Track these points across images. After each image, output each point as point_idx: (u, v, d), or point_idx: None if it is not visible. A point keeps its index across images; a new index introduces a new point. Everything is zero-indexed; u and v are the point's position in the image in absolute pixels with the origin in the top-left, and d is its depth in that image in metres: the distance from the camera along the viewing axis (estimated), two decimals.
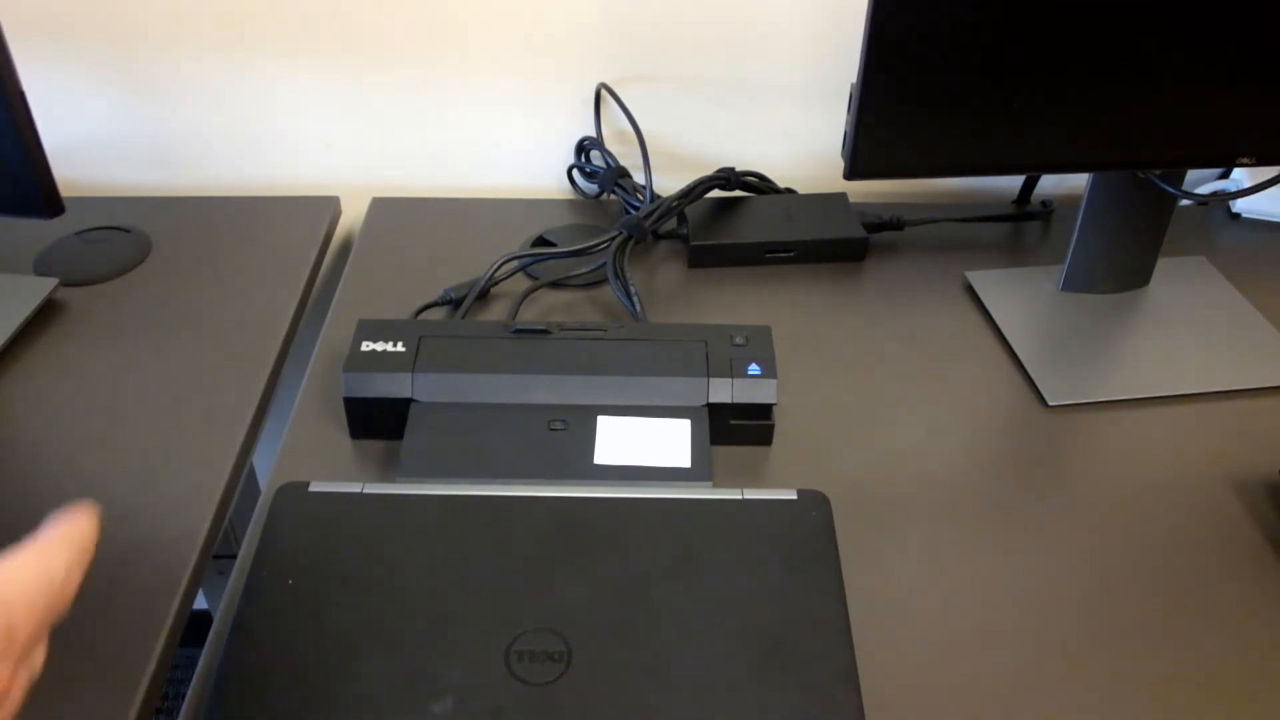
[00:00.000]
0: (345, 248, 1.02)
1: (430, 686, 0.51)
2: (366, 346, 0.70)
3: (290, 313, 0.83)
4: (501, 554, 0.58)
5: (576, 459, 0.65)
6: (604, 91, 0.95)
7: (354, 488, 0.61)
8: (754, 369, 0.69)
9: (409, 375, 0.68)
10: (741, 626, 0.54)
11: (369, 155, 0.99)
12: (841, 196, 0.94)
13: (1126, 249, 0.83)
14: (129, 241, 0.90)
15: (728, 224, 0.91)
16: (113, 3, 0.90)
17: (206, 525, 0.64)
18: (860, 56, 0.68)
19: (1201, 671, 0.57)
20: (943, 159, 0.75)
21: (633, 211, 0.91)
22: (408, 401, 0.68)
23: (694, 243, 0.88)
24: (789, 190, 0.97)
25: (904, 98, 0.71)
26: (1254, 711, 0.56)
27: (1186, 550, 0.64)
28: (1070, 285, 0.84)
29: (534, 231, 0.93)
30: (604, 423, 0.67)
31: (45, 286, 0.83)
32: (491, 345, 0.70)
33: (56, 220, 0.76)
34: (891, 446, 0.71)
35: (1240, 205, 0.96)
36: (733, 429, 0.70)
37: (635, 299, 0.81)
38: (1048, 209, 0.96)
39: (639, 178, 0.94)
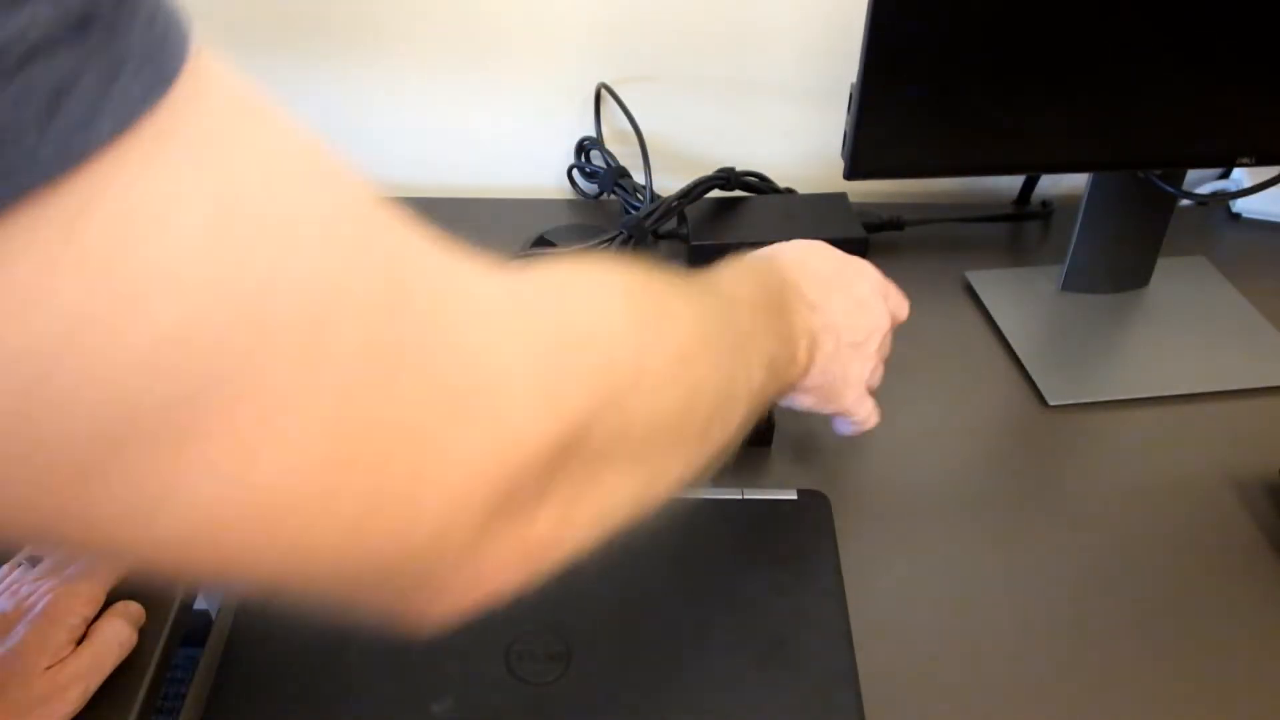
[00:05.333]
0: None
1: (430, 686, 0.51)
2: None
3: None
4: None
5: None
6: (604, 91, 0.95)
7: None
8: None
9: None
10: (741, 626, 0.54)
11: (368, 155, 0.99)
12: (841, 196, 0.94)
13: (1126, 249, 0.83)
14: None
15: (728, 224, 0.91)
16: None
17: None
18: (860, 56, 0.68)
19: (1201, 671, 0.57)
20: (943, 159, 0.75)
21: (633, 211, 0.91)
22: None
23: (694, 243, 0.88)
24: (789, 190, 0.97)
25: (904, 98, 0.71)
26: (1254, 711, 0.56)
27: (1186, 550, 0.64)
28: (1070, 285, 0.84)
29: (534, 231, 0.92)
30: None
31: None
32: None
33: None
34: (891, 446, 0.71)
35: (1240, 205, 0.96)
36: None
37: None
38: (1048, 209, 0.96)
39: (639, 178, 0.94)
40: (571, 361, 0.33)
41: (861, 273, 0.61)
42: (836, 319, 0.56)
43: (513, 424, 0.29)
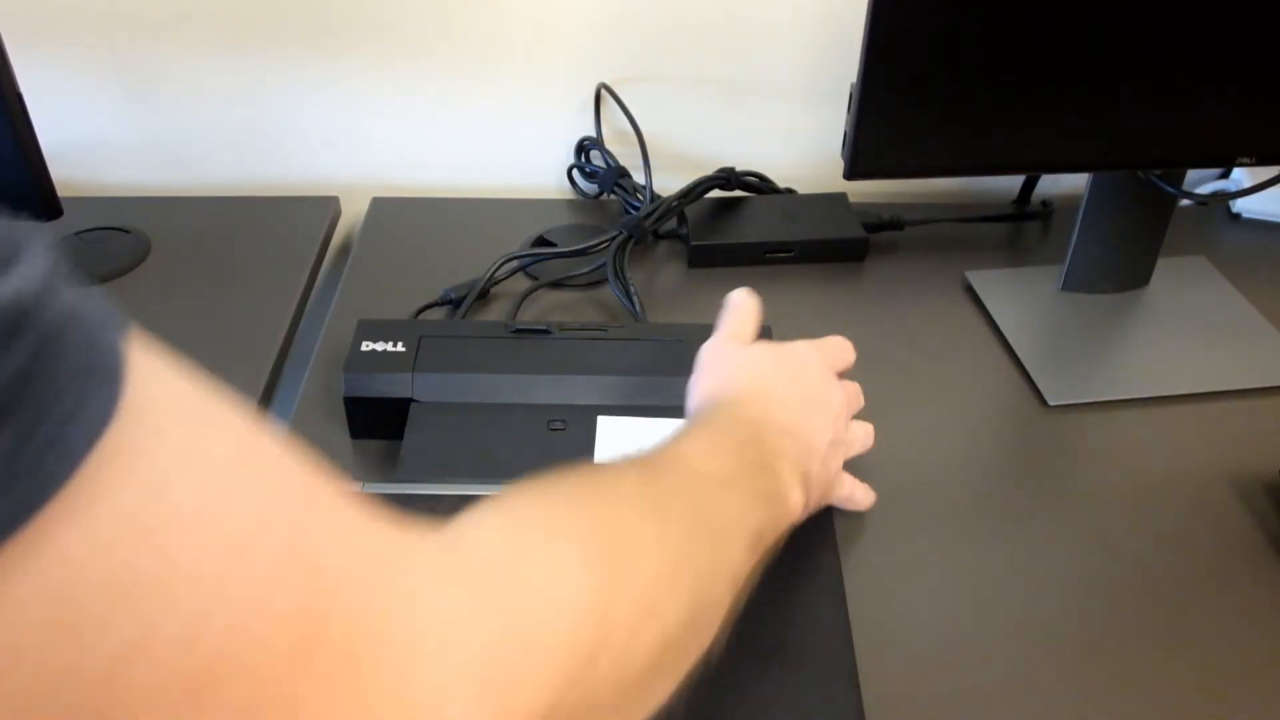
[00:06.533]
0: (345, 248, 1.02)
1: None
2: (366, 346, 0.70)
3: (290, 313, 0.83)
4: None
5: (576, 459, 0.65)
6: (604, 91, 0.95)
7: (354, 488, 0.61)
8: None
9: (409, 375, 0.68)
10: (742, 627, 0.54)
11: (369, 155, 0.99)
12: (841, 196, 0.94)
13: (1126, 249, 0.83)
14: (129, 242, 0.90)
15: (728, 224, 0.91)
16: (113, 3, 0.90)
17: None
18: (860, 56, 0.68)
19: (1201, 671, 0.57)
20: (943, 159, 0.75)
21: (633, 211, 0.91)
22: (408, 401, 0.68)
23: (694, 243, 0.88)
24: (789, 190, 0.97)
25: (904, 98, 0.71)
26: (1253, 711, 0.56)
27: (1186, 550, 0.64)
28: (1070, 285, 0.84)
29: (534, 231, 0.92)
30: (604, 423, 0.67)
31: None
32: (491, 345, 0.70)
33: (56, 220, 0.76)
34: (891, 446, 0.71)
35: (1240, 205, 0.96)
36: None
37: (635, 299, 0.81)
38: (1048, 209, 0.96)
39: (639, 178, 0.94)
40: (523, 664, 0.31)
41: (805, 360, 0.61)
42: (810, 435, 0.57)
43: None
